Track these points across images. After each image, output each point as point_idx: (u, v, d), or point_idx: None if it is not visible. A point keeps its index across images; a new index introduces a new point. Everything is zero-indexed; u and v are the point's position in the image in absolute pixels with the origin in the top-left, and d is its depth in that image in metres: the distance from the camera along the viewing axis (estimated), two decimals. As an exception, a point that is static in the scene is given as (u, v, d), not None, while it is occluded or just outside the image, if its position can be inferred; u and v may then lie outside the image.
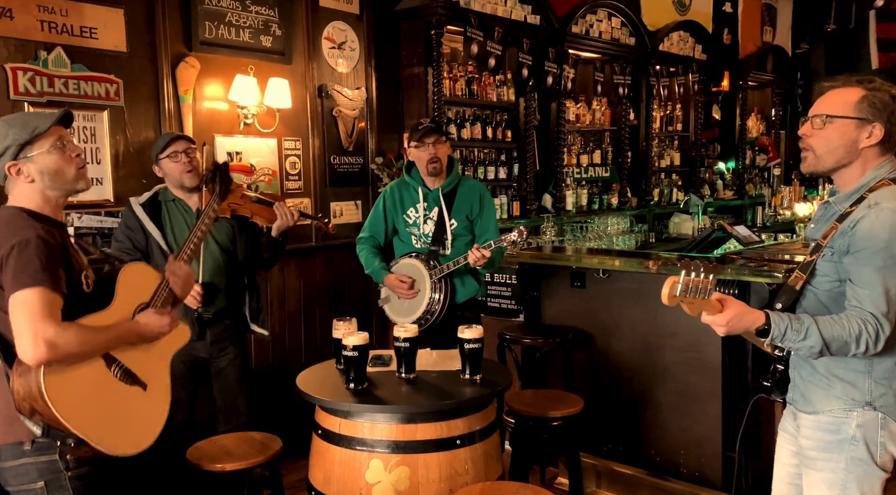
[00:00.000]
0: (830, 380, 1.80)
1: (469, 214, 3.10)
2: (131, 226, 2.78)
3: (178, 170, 2.78)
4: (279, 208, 2.86)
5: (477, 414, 2.26)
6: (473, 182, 3.24)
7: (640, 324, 3.31)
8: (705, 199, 6.54)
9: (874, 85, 1.75)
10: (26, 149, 1.80)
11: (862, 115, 1.74)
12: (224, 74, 3.64)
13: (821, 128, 1.77)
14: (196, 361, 2.82)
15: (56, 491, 1.80)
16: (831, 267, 1.78)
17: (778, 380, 1.90)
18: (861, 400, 1.77)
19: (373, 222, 3.23)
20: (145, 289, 2.00)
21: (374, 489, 2.13)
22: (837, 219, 1.79)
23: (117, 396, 1.83)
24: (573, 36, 5.14)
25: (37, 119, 1.84)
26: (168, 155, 2.78)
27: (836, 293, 1.79)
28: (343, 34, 4.18)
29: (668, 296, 1.62)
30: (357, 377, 2.30)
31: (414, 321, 3.04)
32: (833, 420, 1.80)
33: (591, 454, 3.43)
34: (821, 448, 1.82)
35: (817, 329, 1.69)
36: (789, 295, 1.85)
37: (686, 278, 1.61)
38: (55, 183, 1.83)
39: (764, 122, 7.77)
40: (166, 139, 2.81)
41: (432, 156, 3.03)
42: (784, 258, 3.44)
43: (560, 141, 5.24)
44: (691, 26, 6.34)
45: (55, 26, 3.08)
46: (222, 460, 2.41)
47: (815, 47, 8.14)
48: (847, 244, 1.73)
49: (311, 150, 4.05)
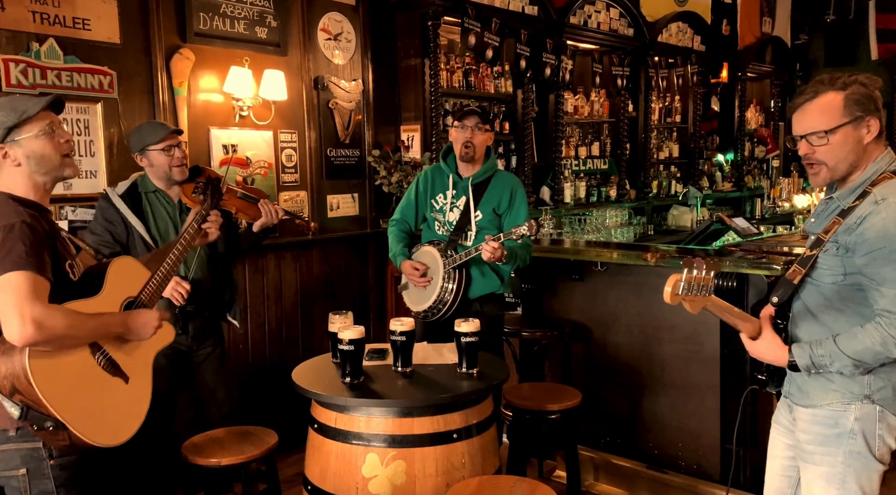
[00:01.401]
0: (829, 374, 1.79)
1: (497, 208, 3.02)
2: (110, 219, 2.70)
3: (168, 163, 2.74)
4: (264, 206, 2.84)
5: (474, 407, 2.25)
6: (509, 176, 3.14)
7: (639, 316, 3.30)
8: (704, 191, 6.52)
9: (842, 81, 1.74)
10: (14, 132, 1.79)
11: (854, 116, 1.73)
12: (219, 66, 3.61)
13: (825, 143, 1.75)
14: (177, 354, 2.78)
15: (37, 478, 1.80)
16: (836, 261, 1.76)
17: (773, 373, 1.90)
18: (860, 393, 1.76)
19: (404, 205, 3.21)
20: (134, 284, 2.00)
21: (371, 483, 2.12)
22: (839, 214, 1.78)
23: (99, 385, 1.83)
24: (571, 27, 5.10)
25: (26, 103, 1.83)
26: (163, 148, 2.74)
27: (840, 287, 1.78)
28: (339, 25, 4.15)
29: (670, 295, 1.62)
30: (353, 371, 2.29)
31: (425, 309, 3.01)
32: (831, 413, 1.79)
33: (589, 447, 3.42)
34: (818, 442, 1.81)
35: (838, 349, 1.70)
36: (786, 288, 1.84)
37: (689, 275, 1.60)
38: (42, 167, 1.83)
39: (763, 114, 7.74)
40: (163, 132, 2.75)
41: (467, 140, 2.97)
42: (783, 250, 3.43)
43: (558, 133, 5.21)
44: (690, 17, 6.30)
45: (47, 17, 3.05)
46: (218, 454, 2.40)
47: (815, 38, 8.10)
48: (855, 241, 1.71)
49: (307, 143, 4.02)
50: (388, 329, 2.44)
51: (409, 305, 3.14)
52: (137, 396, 1.93)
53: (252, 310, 3.83)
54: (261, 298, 3.87)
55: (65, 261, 1.83)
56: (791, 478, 1.94)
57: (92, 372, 1.82)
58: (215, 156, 3.62)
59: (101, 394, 1.83)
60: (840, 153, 1.76)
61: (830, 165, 1.78)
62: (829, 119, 1.74)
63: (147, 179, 2.81)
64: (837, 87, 1.74)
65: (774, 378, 1.91)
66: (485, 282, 3.03)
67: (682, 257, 3.11)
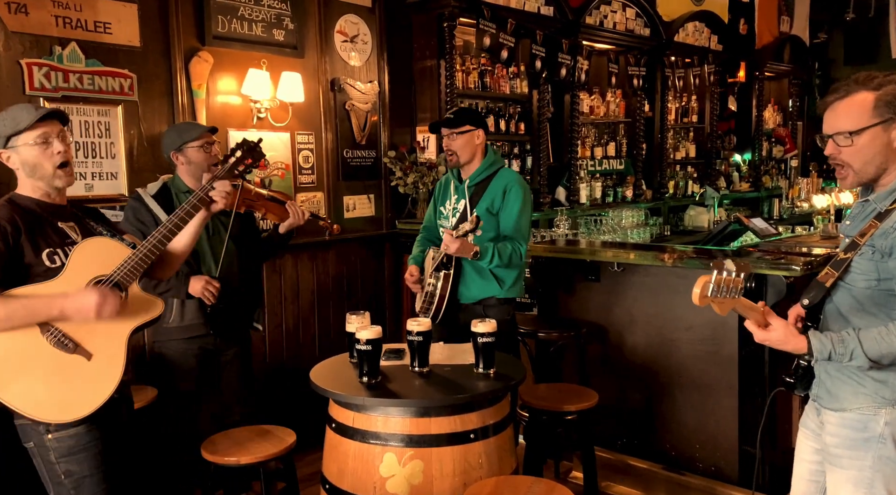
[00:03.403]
0: (861, 378, 1.75)
1: (490, 207, 2.99)
2: (143, 219, 2.71)
3: (207, 160, 2.76)
4: (291, 207, 2.88)
5: (491, 407, 2.25)
6: (508, 174, 3.06)
7: (656, 317, 3.28)
8: (721, 192, 6.47)
9: (877, 81, 1.70)
10: (13, 139, 1.95)
11: (884, 117, 1.69)
12: (237, 68, 3.64)
13: (849, 144, 1.72)
14: (206, 354, 2.82)
15: (42, 450, 1.95)
16: (871, 265, 1.73)
17: (801, 376, 1.85)
18: (891, 398, 1.73)
19: (429, 213, 3.27)
20: (109, 263, 1.98)
21: (388, 482, 2.13)
22: (876, 217, 1.74)
23: (52, 364, 1.90)
24: (587, 27, 5.09)
25: (25, 113, 1.96)
26: (201, 144, 2.76)
27: (874, 291, 1.74)
28: (355, 27, 4.17)
29: (699, 296, 1.59)
30: (370, 371, 2.30)
31: (420, 306, 3.03)
32: (860, 417, 1.76)
33: (606, 448, 3.41)
34: (846, 445, 1.78)
35: (862, 350, 1.66)
36: (818, 291, 1.80)
37: (718, 277, 1.57)
38: (35, 174, 1.98)
39: (781, 113, 7.67)
40: (200, 130, 2.78)
41: (447, 147, 3.01)
42: (801, 251, 3.39)
43: (574, 133, 5.20)
44: (707, 16, 6.26)
45: (70, 21, 3.10)
46: (237, 453, 2.42)
47: (834, 36, 8.02)
48: (891, 245, 1.68)
49: (323, 144, 4.05)
50: (404, 329, 2.45)
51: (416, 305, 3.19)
52: (100, 374, 1.95)
53: (270, 309, 3.85)
54: (278, 298, 3.90)
55: (42, 250, 1.94)
56: (819, 484, 1.91)
57: (42, 353, 1.89)
58: (233, 157, 3.65)
59: (52, 372, 1.89)
60: (866, 155, 1.72)
61: (856, 168, 1.74)
62: (857, 120, 1.71)
63: (179, 180, 2.82)
64: (871, 87, 1.70)
65: (803, 381, 1.86)
66: (483, 283, 2.97)
67: (699, 257, 3.10)
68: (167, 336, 2.76)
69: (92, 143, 3.18)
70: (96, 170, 3.21)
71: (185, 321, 2.74)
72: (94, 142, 3.19)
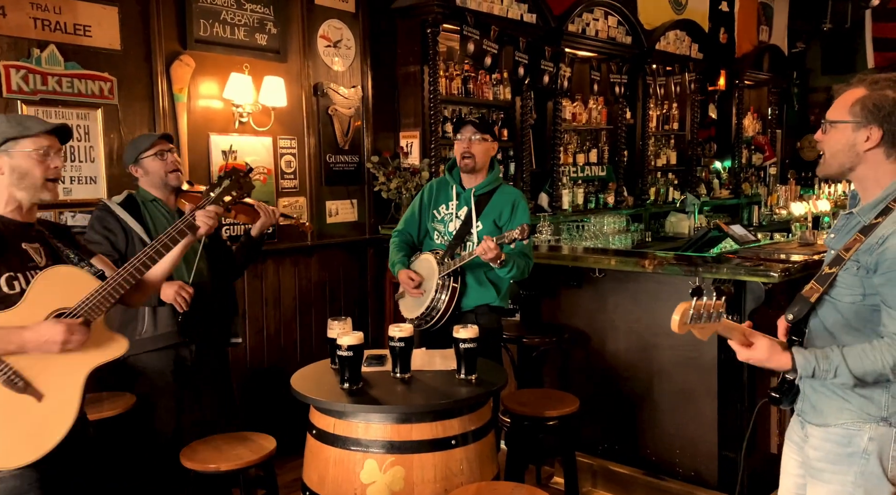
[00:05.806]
0: (846, 394, 1.74)
1: (497, 220, 3.02)
2: (110, 227, 2.65)
3: (163, 168, 2.75)
4: (261, 207, 2.86)
5: (472, 413, 2.25)
6: (511, 189, 3.14)
7: (637, 323, 3.31)
8: (701, 198, 6.53)
9: (880, 84, 1.70)
10: (10, 143, 1.88)
11: (856, 119, 1.70)
12: (219, 73, 3.62)
13: (825, 133, 1.76)
14: (183, 365, 2.78)
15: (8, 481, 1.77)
16: (856, 281, 1.71)
17: (786, 390, 1.83)
18: (876, 415, 1.72)
19: (408, 217, 3.23)
20: (73, 295, 1.84)
21: (369, 489, 2.12)
22: (860, 231, 1.73)
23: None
24: (569, 34, 5.13)
25: (35, 121, 1.93)
26: (155, 153, 2.74)
27: (859, 306, 1.72)
28: (339, 32, 4.17)
29: (679, 324, 1.58)
30: (352, 377, 2.29)
31: (418, 317, 3.01)
32: (845, 432, 1.74)
33: (587, 453, 3.42)
34: (829, 460, 1.77)
35: (847, 368, 1.64)
36: (802, 306, 1.78)
37: (698, 302, 1.56)
38: (21, 183, 1.88)
39: (760, 121, 7.77)
40: (151, 139, 2.77)
41: (465, 150, 3.00)
42: (780, 257, 3.44)
43: (556, 140, 5.23)
44: (688, 25, 6.34)
45: (48, 24, 3.06)
46: (216, 460, 2.40)
47: (812, 46, 8.15)
48: (875, 262, 1.66)
49: (306, 149, 4.04)
50: (386, 335, 2.45)
51: (404, 313, 3.15)
52: (51, 416, 1.78)
53: (251, 315, 3.83)
54: (259, 304, 3.87)
55: (1, 274, 1.80)
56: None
57: None
58: (215, 162, 3.63)
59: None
60: (832, 147, 1.75)
61: (825, 157, 1.78)
62: (838, 111, 1.74)
63: (143, 190, 2.80)
64: (866, 84, 1.71)
65: (788, 395, 1.85)
66: (481, 292, 3.01)
67: (680, 264, 3.12)
68: (141, 348, 2.68)
69: (71, 147, 3.15)
70: (75, 174, 3.18)
71: (158, 329, 2.69)
72: (73, 146, 3.16)
